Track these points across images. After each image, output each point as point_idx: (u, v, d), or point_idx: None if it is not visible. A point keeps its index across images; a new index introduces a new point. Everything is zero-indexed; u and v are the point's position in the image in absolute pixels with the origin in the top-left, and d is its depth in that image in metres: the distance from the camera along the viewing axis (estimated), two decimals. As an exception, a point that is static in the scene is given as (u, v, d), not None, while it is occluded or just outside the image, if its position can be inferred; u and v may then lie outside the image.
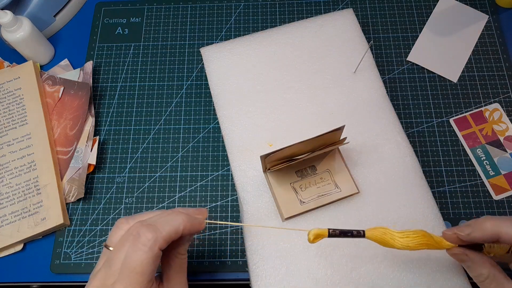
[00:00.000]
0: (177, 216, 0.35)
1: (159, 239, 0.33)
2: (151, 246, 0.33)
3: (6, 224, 0.49)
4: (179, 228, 0.35)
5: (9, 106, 0.55)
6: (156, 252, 0.33)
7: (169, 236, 0.34)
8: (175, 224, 0.35)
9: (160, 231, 0.34)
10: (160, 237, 0.33)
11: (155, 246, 0.33)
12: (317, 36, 0.55)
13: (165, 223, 0.34)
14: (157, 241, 0.33)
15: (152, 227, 0.33)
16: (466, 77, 0.56)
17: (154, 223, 0.34)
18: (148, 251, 0.32)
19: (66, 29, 0.63)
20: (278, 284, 0.43)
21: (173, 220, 0.35)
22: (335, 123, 0.50)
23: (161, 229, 0.34)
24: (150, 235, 0.33)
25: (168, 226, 0.34)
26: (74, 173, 0.52)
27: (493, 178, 0.51)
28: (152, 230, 0.33)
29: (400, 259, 0.43)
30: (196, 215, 0.38)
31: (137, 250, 0.33)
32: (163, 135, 0.55)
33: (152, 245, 0.33)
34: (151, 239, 0.33)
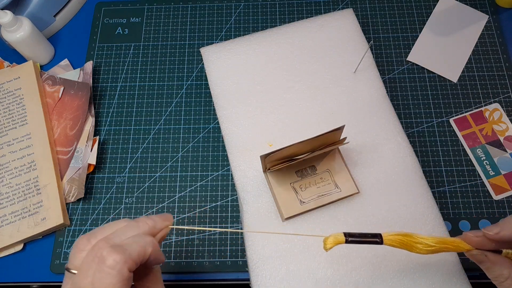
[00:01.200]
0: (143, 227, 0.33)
1: (128, 260, 0.30)
2: (120, 269, 0.30)
3: (6, 224, 0.49)
4: (147, 249, 0.32)
5: (9, 106, 0.55)
6: (126, 275, 0.30)
7: (138, 256, 0.31)
8: (143, 243, 0.32)
9: (128, 251, 0.31)
10: (128, 258, 0.30)
11: (123, 269, 0.30)
12: (317, 36, 0.55)
13: (132, 242, 0.32)
14: (126, 263, 0.30)
15: (119, 248, 0.30)
16: (466, 77, 0.56)
17: (119, 243, 0.31)
18: (117, 274, 0.29)
19: (66, 29, 0.63)
20: (278, 284, 0.43)
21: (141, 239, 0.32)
22: (335, 123, 0.50)
23: (128, 249, 0.31)
24: (117, 256, 0.30)
25: (136, 245, 0.31)
26: (74, 173, 0.52)
27: (493, 178, 0.51)
28: (118, 251, 0.30)
29: (400, 259, 0.43)
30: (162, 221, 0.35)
31: (105, 274, 0.30)
32: (163, 135, 0.55)
33: (121, 268, 0.30)
34: (119, 262, 0.30)
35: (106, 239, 0.32)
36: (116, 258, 0.30)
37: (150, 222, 0.35)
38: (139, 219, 0.35)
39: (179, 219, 0.51)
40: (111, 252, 0.30)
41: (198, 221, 0.50)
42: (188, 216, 0.51)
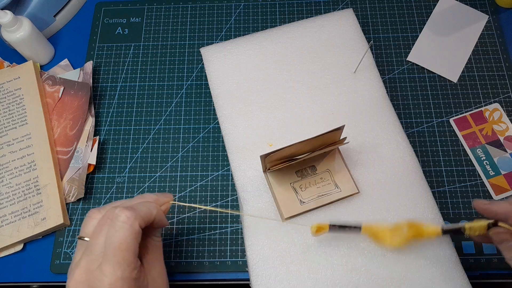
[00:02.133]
0: (148, 199, 0.37)
1: (138, 216, 0.34)
2: (132, 223, 0.33)
3: (6, 224, 0.49)
4: (152, 211, 0.36)
5: (9, 106, 0.55)
6: (137, 229, 0.33)
7: (146, 215, 0.35)
8: (149, 206, 0.36)
9: (138, 210, 0.34)
10: (138, 215, 0.34)
11: (135, 223, 0.33)
12: (317, 36, 0.55)
13: (139, 205, 0.35)
14: (136, 218, 0.33)
15: (129, 208, 0.34)
16: (466, 77, 0.56)
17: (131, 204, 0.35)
18: (129, 228, 0.33)
19: (66, 29, 0.63)
20: (278, 284, 0.43)
21: (146, 203, 0.36)
22: (335, 123, 0.50)
23: (138, 210, 0.34)
24: (128, 213, 0.33)
25: (143, 207, 0.35)
26: (74, 173, 0.52)
27: (493, 178, 0.51)
28: (129, 209, 0.34)
29: (400, 259, 0.43)
30: (164, 197, 0.40)
31: (118, 229, 0.33)
32: (163, 135, 0.55)
33: (133, 222, 0.33)
34: (130, 217, 0.33)
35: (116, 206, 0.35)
36: (128, 214, 0.33)
37: (153, 195, 0.39)
38: (143, 195, 0.39)
39: (179, 219, 0.51)
40: (124, 210, 0.33)
41: (198, 221, 0.50)
42: (188, 216, 0.51)
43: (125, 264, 0.32)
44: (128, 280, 0.32)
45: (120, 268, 0.32)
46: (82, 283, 0.32)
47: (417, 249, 0.44)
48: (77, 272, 0.33)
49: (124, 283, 0.32)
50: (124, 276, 0.32)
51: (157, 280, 0.36)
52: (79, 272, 0.33)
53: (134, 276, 0.33)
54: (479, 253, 0.47)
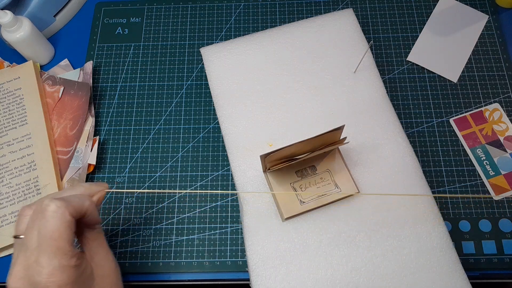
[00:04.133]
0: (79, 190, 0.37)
1: (69, 206, 0.33)
2: (62, 212, 0.32)
3: (6, 224, 0.49)
4: (84, 202, 0.35)
5: (9, 106, 0.55)
6: (68, 218, 0.32)
7: (77, 205, 0.34)
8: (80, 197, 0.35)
9: (68, 200, 0.33)
10: (69, 204, 0.33)
11: (65, 212, 0.32)
12: (317, 36, 0.55)
13: (69, 196, 0.34)
14: (67, 207, 0.32)
15: (60, 198, 0.33)
16: (466, 77, 0.56)
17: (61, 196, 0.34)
18: (60, 217, 0.32)
19: (66, 29, 0.63)
20: (278, 284, 0.43)
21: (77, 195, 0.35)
22: (335, 123, 0.50)
23: (67, 199, 0.33)
24: (58, 202, 0.32)
25: (73, 197, 0.34)
26: (74, 173, 0.52)
27: (493, 178, 0.51)
28: (58, 200, 0.33)
29: (400, 259, 0.43)
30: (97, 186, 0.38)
31: (49, 219, 0.32)
32: (163, 135, 0.55)
33: (63, 211, 0.32)
34: (61, 206, 0.32)
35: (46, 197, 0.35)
36: (57, 203, 0.32)
37: (86, 184, 0.38)
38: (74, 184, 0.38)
39: (179, 219, 0.51)
40: (53, 200, 0.32)
41: (198, 221, 0.50)
42: (188, 216, 0.51)
43: (60, 253, 0.32)
44: (67, 268, 0.32)
45: (56, 258, 0.31)
46: (21, 278, 0.32)
47: (417, 250, 0.44)
48: (16, 269, 0.33)
49: (64, 272, 0.31)
50: (62, 265, 0.31)
51: (103, 265, 0.36)
52: (17, 268, 0.32)
53: (73, 264, 0.32)
54: (479, 253, 0.47)
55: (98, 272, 0.36)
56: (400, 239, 0.44)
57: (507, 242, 0.48)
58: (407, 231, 0.45)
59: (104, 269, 0.36)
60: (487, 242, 0.48)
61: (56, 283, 0.31)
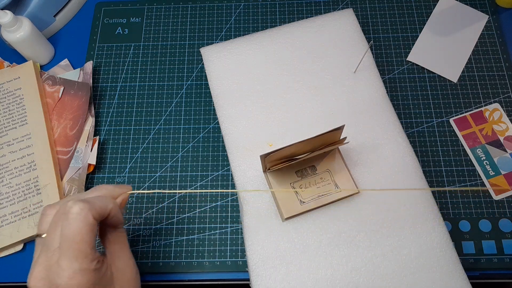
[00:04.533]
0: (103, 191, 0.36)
1: (92, 208, 0.33)
2: (85, 215, 0.32)
3: (6, 224, 0.49)
4: (108, 204, 0.35)
5: (9, 106, 0.55)
6: (91, 221, 0.32)
7: (101, 208, 0.34)
8: (103, 199, 0.35)
9: (91, 202, 0.33)
10: (92, 207, 0.33)
11: (88, 215, 0.32)
12: (317, 36, 0.55)
13: (93, 198, 0.34)
14: (90, 210, 0.32)
15: (82, 200, 0.33)
16: (466, 77, 0.56)
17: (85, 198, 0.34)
18: (83, 219, 0.32)
19: (66, 29, 0.63)
20: (278, 284, 0.43)
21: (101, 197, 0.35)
22: (335, 123, 0.50)
23: (91, 201, 0.33)
24: (81, 205, 0.32)
25: (97, 200, 0.34)
26: (74, 173, 0.52)
27: (493, 178, 0.51)
28: (82, 202, 0.33)
29: (400, 259, 0.43)
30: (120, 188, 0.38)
31: (71, 221, 0.32)
32: (163, 135, 0.55)
33: (86, 214, 0.32)
34: (84, 208, 0.32)
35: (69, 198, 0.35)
36: (81, 205, 0.32)
37: (110, 186, 0.38)
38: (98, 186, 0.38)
39: (179, 219, 0.51)
40: (76, 202, 0.33)
41: (198, 221, 0.50)
42: (188, 216, 0.51)
43: (81, 256, 0.32)
44: (87, 271, 0.32)
45: (77, 261, 0.31)
46: (42, 279, 0.32)
47: (417, 250, 0.44)
48: (37, 269, 0.33)
49: (83, 275, 0.31)
50: (82, 268, 0.31)
51: (124, 270, 0.36)
52: (38, 269, 0.33)
53: (93, 267, 0.32)
54: (479, 253, 0.47)
55: (118, 277, 0.36)
56: (400, 239, 0.44)
57: (507, 242, 0.48)
58: (407, 231, 0.45)
59: (124, 274, 0.36)
60: (487, 242, 0.48)
61: (76, 286, 0.31)
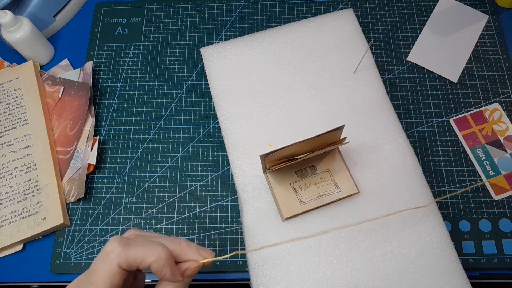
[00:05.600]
0: (158, 247, 0.32)
1: (122, 256, 0.31)
2: (112, 258, 0.31)
3: (6, 224, 0.49)
4: (149, 257, 0.31)
5: (9, 106, 0.55)
6: (114, 266, 0.31)
7: (133, 258, 0.31)
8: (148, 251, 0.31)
9: (129, 250, 0.31)
10: (124, 254, 0.31)
11: (113, 260, 0.31)
12: (317, 36, 0.55)
13: (140, 245, 0.32)
14: (118, 255, 0.31)
15: (124, 243, 0.31)
16: (466, 77, 0.56)
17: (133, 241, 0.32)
18: (106, 261, 0.31)
19: (66, 29, 0.63)
20: (278, 284, 0.43)
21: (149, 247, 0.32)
22: (335, 123, 0.50)
23: (131, 248, 0.31)
24: (115, 246, 0.31)
25: (140, 248, 0.31)
26: (74, 173, 0.52)
27: (493, 178, 0.51)
28: (120, 244, 0.31)
29: (400, 259, 0.43)
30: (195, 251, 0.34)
31: (98, 257, 0.31)
32: (163, 135, 0.55)
33: (113, 258, 0.31)
34: (114, 251, 0.31)
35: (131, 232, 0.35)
36: (113, 246, 0.31)
37: (183, 244, 0.34)
38: (177, 239, 0.34)
39: (179, 219, 0.51)
40: (114, 240, 0.31)
41: (198, 221, 0.50)
42: (188, 216, 0.51)
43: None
44: None
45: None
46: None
47: (417, 250, 0.44)
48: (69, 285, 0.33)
49: None
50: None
51: None
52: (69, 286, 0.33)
53: None
54: (479, 253, 0.47)
55: None
56: (400, 239, 0.44)
57: (507, 242, 0.48)
58: (407, 231, 0.45)
59: None
60: (487, 242, 0.48)
61: None
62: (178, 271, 0.33)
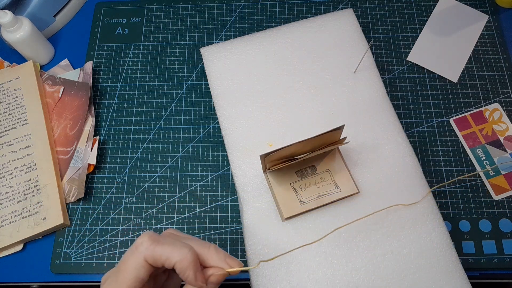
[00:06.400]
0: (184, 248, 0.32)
1: (149, 251, 0.32)
2: (140, 252, 0.32)
3: (6, 224, 0.49)
4: (174, 257, 0.32)
5: (9, 106, 0.55)
6: (140, 259, 0.32)
7: (159, 255, 0.32)
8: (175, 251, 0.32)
9: (156, 246, 0.32)
10: (151, 249, 0.32)
11: (141, 253, 0.32)
12: (317, 36, 0.55)
13: (168, 243, 0.32)
14: (146, 250, 0.32)
15: (154, 239, 0.32)
16: (466, 77, 0.56)
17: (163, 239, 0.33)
18: (136, 253, 0.32)
19: (66, 29, 0.63)
20: (278, 284, 0.43)
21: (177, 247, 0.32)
22: (335, 123, 0.50)
23: (159, 245, 0.32)
24: (145, 240, 0.32)
25: (167, 246, 0.32)
26: (74, 173, 0.52)
27: (493, 178, 0.51)
28: (150, 239, 0.32)
29: (400, 259, 0.43)
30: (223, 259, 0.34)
31: (129, 249, 0.33)
32: (163, 135, 0.55)
33: (141, 251, 0.32)
34: (143, 245, 0.32)
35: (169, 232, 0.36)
36: (143, 240, 0.32)
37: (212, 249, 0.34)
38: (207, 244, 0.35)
39: (179, 219, 0.51)
40: (145, 235, 0.33)
41: (198, 221, 0.50)
42: (188, 216, 0.51)
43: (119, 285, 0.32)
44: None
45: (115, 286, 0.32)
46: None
47: (417, 250, 0.44)
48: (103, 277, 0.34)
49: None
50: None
51: None
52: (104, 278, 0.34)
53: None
54: (479, 253, 0.47)
55: None
56: (400, 239, 0.44)
57: (507, 242, 0.48)
58: (407, 231, 0.45)
59: None
60: (487, 242, 0.48)
61: None
62: (202, 276, 0.33)
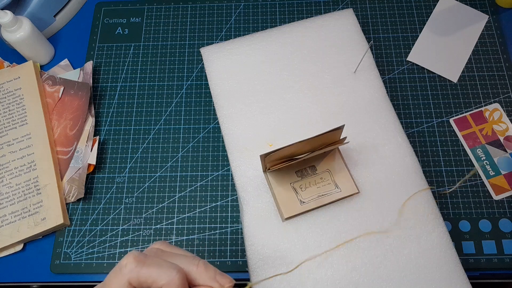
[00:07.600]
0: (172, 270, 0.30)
1: (133, 273, 0.30)
2: (124, 274, 0.30)
3: (6, 224, 0.49)
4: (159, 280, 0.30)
5: (9, 106, 0.55)
6: (124, 282, 0.30)
7: (145, 278, 0.30)
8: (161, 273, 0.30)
9: (142, 268, 0.30)
10: (136, 271, 0.30)
11: (125, 275, 0.30)
12: (317, 36, 0.55)
13: (155, 265, 0.30)
14: (131, 272, 0.30)
15: (140, 261, 0.30)
16: (466, 77, 0.56)
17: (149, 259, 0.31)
18: (119, 275, 0.30)
19: (66, 29, 0.63)
20: (278, 284, 0.43)
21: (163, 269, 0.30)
22: (335, 123, 0.50)
23: (145, 267, 0.30)
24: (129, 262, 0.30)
25: (153, 269, 0.30)
26: (74, 173, 0.52)
27: (493, 178, 0.51)
28: (135, 260, 0.30)
29: (400, 259, 0.43)
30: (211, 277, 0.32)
31: (113, 270, 0.31)
32: (163, 135, 0.55)
33: (125, 273, 0.30)
34: (127, 267, 0.30)
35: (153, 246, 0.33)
36: (127, 262, 0.30)
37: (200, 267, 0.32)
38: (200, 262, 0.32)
39: (179, 219, 0.51)
40: (129, 256, 0.30)
41: (198, 221, 0.50)
42: (188, 216, 0.51)
43: None
44: None
45: None
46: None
47: (417, 250, 0.44)
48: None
49: None
50: None
51: None
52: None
53: None
54: (479, 253, 0.47)
55: None
56: (400, 239, 0.44)
57: (507, 242, 0.48)
58: (407, 231, 0.45)
59: None
60: (487, 242, 0.48)
61: None
62: None
